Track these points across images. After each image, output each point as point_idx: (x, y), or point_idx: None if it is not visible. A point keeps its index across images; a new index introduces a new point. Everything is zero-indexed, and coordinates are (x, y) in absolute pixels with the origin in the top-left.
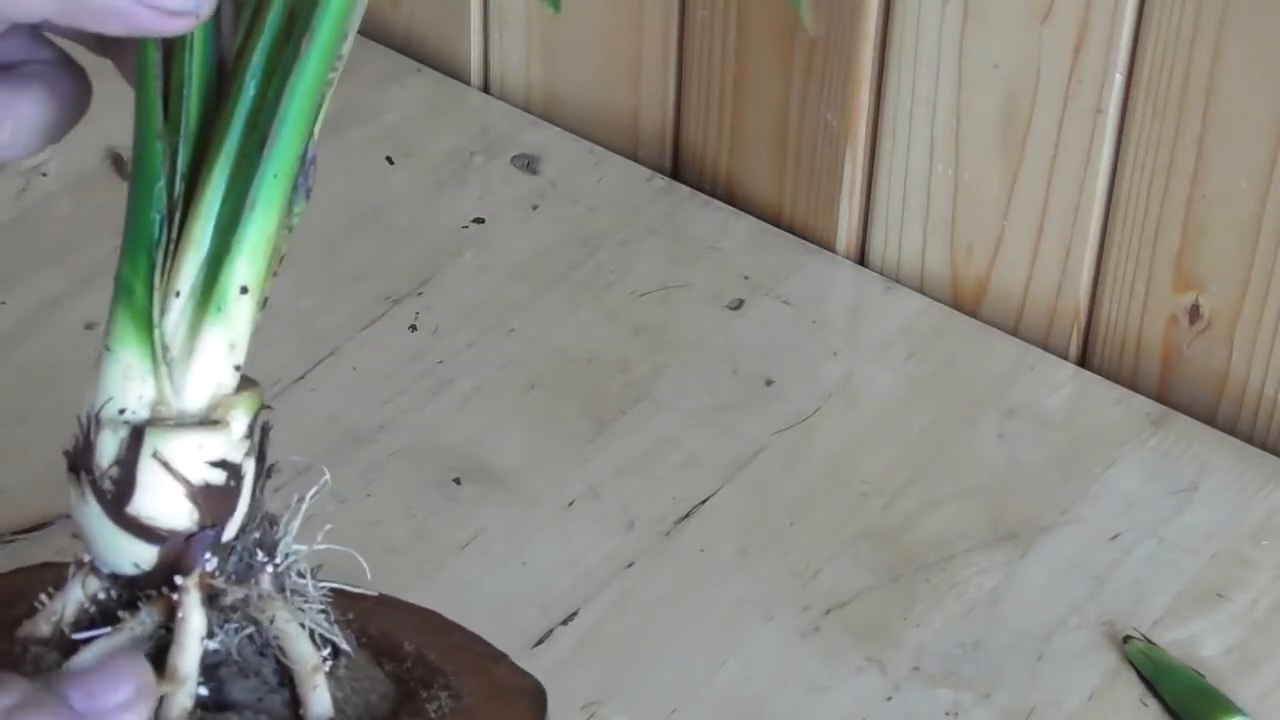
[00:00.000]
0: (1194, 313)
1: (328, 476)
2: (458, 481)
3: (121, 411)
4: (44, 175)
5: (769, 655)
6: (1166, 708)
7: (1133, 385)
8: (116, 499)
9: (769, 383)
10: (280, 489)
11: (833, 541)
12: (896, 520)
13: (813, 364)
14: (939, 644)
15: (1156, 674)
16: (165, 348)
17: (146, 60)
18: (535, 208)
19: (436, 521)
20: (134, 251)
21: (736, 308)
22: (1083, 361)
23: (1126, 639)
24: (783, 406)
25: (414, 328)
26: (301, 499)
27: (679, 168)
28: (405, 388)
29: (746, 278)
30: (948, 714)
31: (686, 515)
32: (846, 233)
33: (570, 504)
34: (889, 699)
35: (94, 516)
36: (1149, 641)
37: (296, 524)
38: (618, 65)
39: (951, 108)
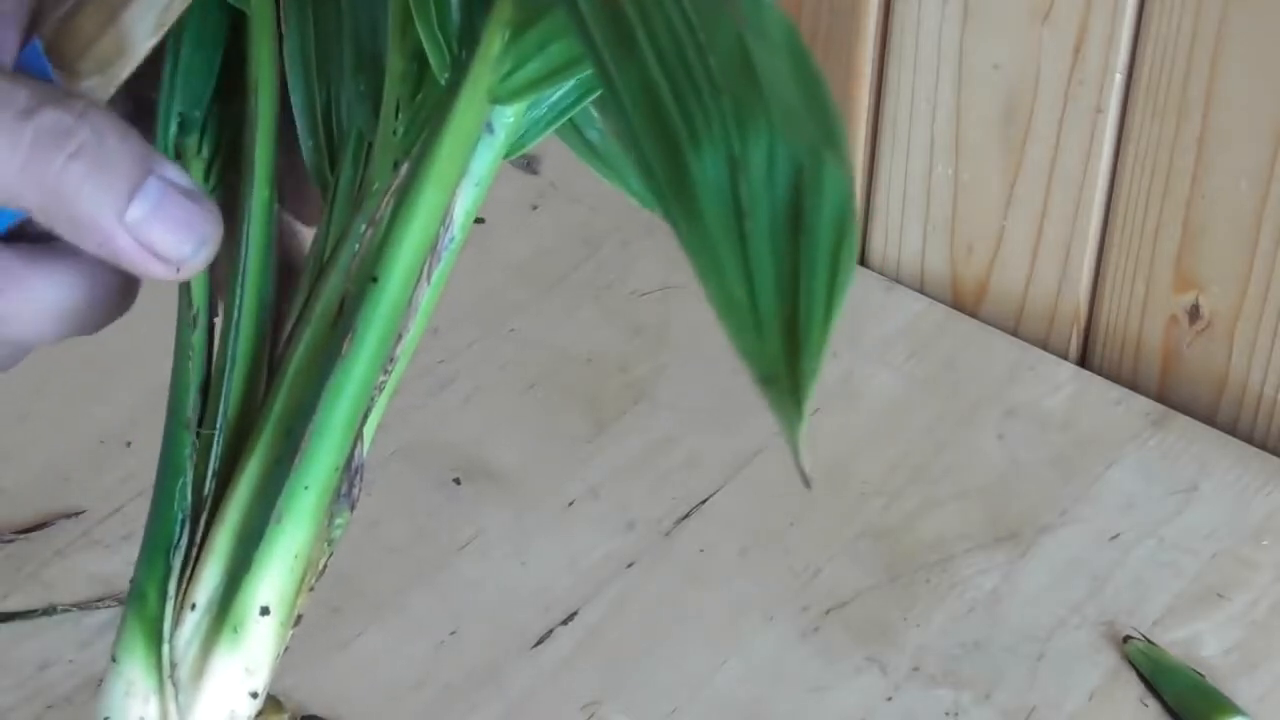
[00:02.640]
0: (1194, 313)
1: None
2: (458, 481)
3: None
4: None
5: (769, 655)
6: (1166, 708)
7: (1133, 385)
8: None
9: None
10: None
11: (833, 541)
12: (896, 520)
13: None
14: (939, 644)
15: (1156, 674)
16: (174, 665)
17: (184, 339)
18: (535, 208)
19: (436, 521)
20: (151, 552)
21: None
22: (1083, 361)
23: (1126, 639)
24: None
25: None
26: None
27: None
28: (405, 388)
29: None
30: (948, 714)
31: (686, 515)
32: None
33: (570, 504)
34: (889, 699)
35: None
36: (1149, 641)
37: None
38: None
39: (951, 108)
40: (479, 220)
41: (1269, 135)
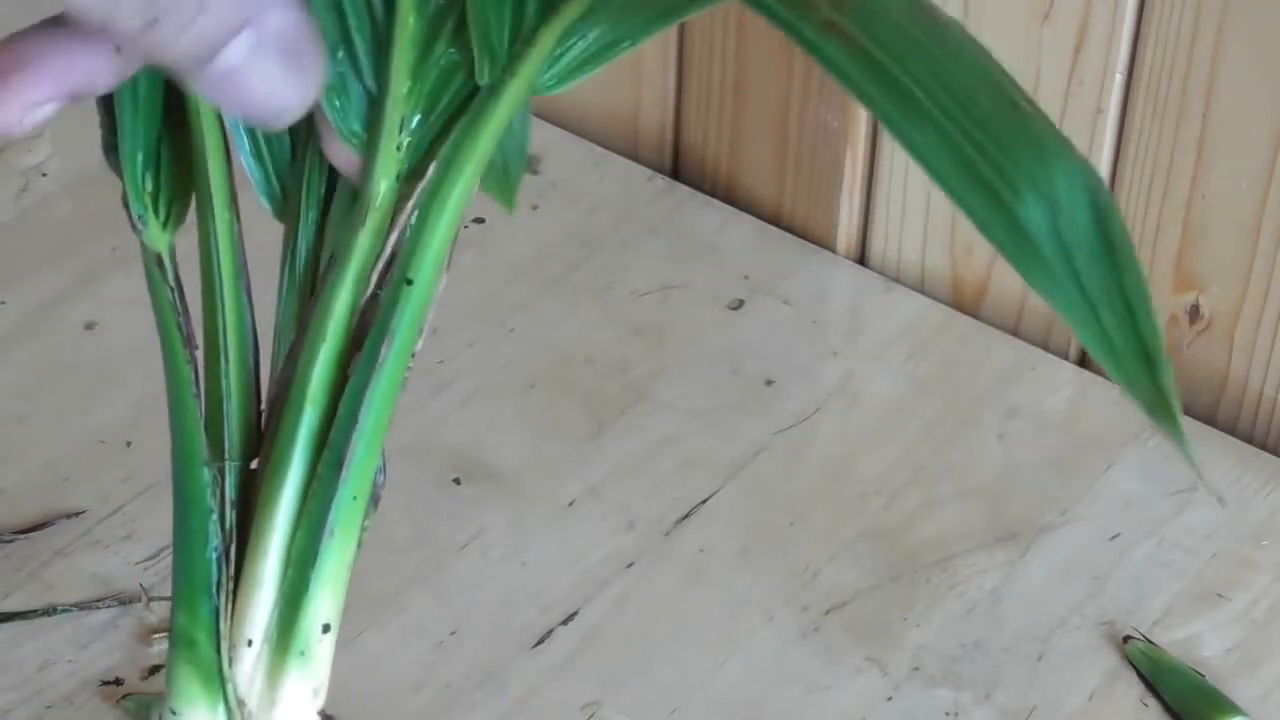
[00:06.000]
0: (1194, 313)
1: None
2: (458, 481)
3: None
4: (44, 175)
5: (769, 655)
6: (1166, 708)
7: None
8: None
9: (769, 383)
10: None
11: (833, 541)
12: (896, 520)
13: (813, 364)
14: (939, 644)
15: (1156, 674)
16: (241, 703)
17: (180, 379)
18: (535, 208)
19: (436, 521)
20: (190, 597)
21: (736, 308)
22: (1083, 361)
23: (1126, 639)
24: (783, 406)
25: None
26: None
27: (679, 168)
28: (405, 388)
29: (746, 278)
30: (948, 714)
31: (686, 515)
32: (846, 233)
33: (570, 504)
34: (889, 699)
35: None
36: (1149, 641)
37: None
38: (618, 65)
39: None
40: (479, 220)
41: (1269, 135)
